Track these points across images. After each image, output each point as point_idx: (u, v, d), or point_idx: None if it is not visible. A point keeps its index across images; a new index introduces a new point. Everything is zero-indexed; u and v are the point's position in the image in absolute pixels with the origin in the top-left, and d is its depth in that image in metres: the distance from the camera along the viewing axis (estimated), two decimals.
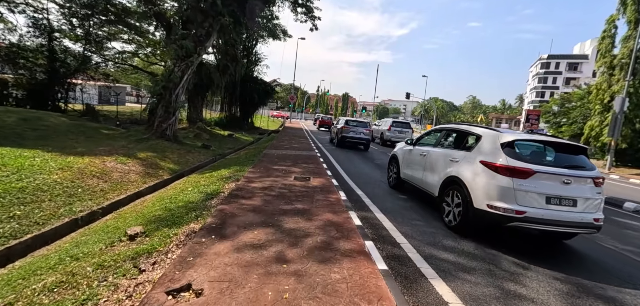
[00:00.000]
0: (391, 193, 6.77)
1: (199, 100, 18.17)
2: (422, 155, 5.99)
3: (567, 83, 68.15)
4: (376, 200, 5.93)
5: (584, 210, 4.11)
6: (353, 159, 11.96)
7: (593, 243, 4.92)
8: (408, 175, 6.52)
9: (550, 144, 4.59)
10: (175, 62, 11.80)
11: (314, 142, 16.90)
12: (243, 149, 15.11)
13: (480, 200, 4.21)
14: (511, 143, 4.35)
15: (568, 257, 4.27)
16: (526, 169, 4.03)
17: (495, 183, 4.12)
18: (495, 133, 4.62)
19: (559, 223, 3.98)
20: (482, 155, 4.48)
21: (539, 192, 4.00)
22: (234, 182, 6.39)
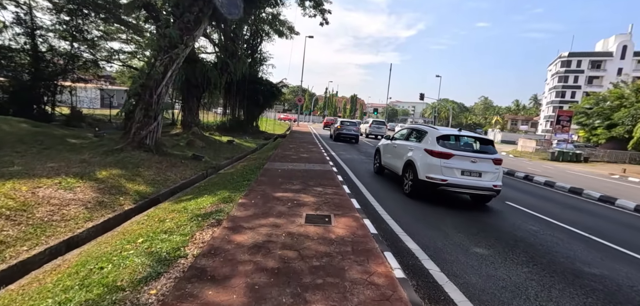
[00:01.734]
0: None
1: (195, 102, 16.01)
2: (394, 147, 8.47)
3: (590, 83, 64.42)
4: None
5: (486, 180, 6.50)
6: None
7: None
8: (385, 162, 9.04)
9: (468, 137, 7.08)
10: (156, 55, 9.59)
11: (325, 150, 14.54)
12: (242, 159, 12.83)
13: (422, 174, 6.61)
14: (442, 137, 6.82)
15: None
16: (448, 153, 6.43)
17: (431, 162, 6.51)
18: (434, 131, 7.11)
19: (469, 187, 6.48)
20: (426, 145, 6.84)
21: (456, 167, 6.38)
22: (211, 226, 4.07)
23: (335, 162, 10.98)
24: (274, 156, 11.01)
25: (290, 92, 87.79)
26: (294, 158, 10.81)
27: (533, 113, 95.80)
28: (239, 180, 7.20)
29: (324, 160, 10.85)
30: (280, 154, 11.58)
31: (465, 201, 7.28)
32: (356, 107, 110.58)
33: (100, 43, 18.80)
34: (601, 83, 63.19)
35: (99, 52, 19.02)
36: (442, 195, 6.75)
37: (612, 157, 27.74)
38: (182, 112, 16.23)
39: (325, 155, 12.53)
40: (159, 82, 9.49)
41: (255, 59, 28.87)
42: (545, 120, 71.68)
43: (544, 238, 5.22)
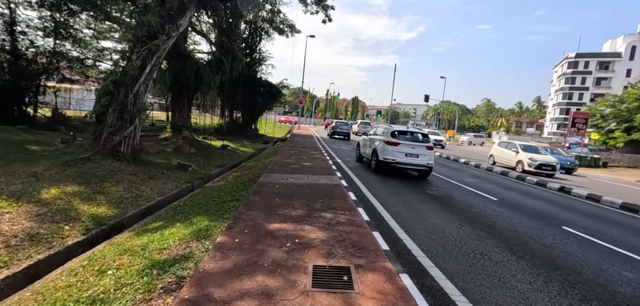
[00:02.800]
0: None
1: (186, 103, 14.54)
2: (367, 141, 11.57)
3: (598, 84, 62.88)
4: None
5: (422, 160, 9.46)
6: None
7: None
8: (363, 152, 11.98)
9: (410, 132, 10.38)
10: (133, 47, 8.13)
11: (330, 156, 13.04)
12: (236, 168, 11.33)
13: (381, 157, 9.56)
14: (394, 132, 9.85)
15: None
16: (397, 142, 9.44)
17: (386, 149, 9.45)
18: (389, 127, 10.57)
19: (411, 165, 9.56)
20: (384, 137, 9.88)
21: (402, 152, 9.33)
22: (166, 292, 2.59)
23: (343, 173, 9.48)
24: (272, 165, 9.51)
25: (291, 94, 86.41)
26: (295, 167, 9.30)
27: (537, 115, 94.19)
28: (225, 200, 5.70)
29: (329, 170, 9.33)
30: (279, 162, 10.08)
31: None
32: (357, 109, 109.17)
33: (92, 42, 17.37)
34: (610, 85, 61.64)
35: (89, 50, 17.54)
36: (396, 171, 9.99)
37: (631, 161, 26.18)
38: (172, 114, 14.75)
39: (330, 162, 11.03)
40: (136, 78, 8.02)
41: (254, 58, 27.44)
42: (552, 122, 70.12)
43: None
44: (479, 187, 9.69)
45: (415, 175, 10.18)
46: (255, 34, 27.23)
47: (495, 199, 8.07)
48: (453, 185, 9.61)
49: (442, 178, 10.68)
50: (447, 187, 9.14)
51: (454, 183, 9.81)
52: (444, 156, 19.17)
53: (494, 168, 14.66)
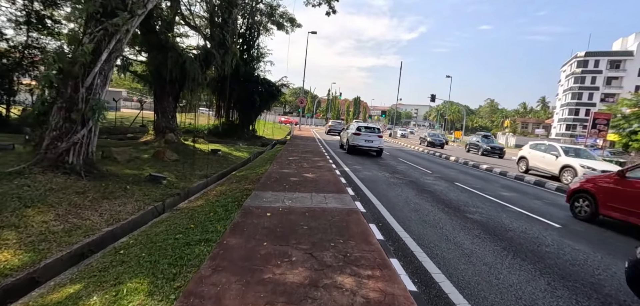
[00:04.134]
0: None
1: (170, 102, 12.68)
2: (345, 133, 17.70)
3: (609, 84, 60.85)
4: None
5: (376, 144, 15.33)
6: None
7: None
8: (343, 142, 17.37)
9: (368, 127, 16.55)
10: (85, 28, 6.29)
11: (335, 162, 11.16)
12: (224, 179, 9.47)
13: (351, 142, 15.38)
14: (358, 128, 16.02)
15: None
16: (359, 133, 15.43)
17: (353, 137, 15.40)
18: (356, 124, 18.33)
19: (369, 148, 15.43)
20: (352, 131, 16.04)
21: (362, 139, 15.24)
22: None
23: (355, 188, 7.61)
24: (266, 177, 7.64)
25: (292, 94, 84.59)
26: (295, 180, 7.42)
27: (542, 116, 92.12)
28: (191, 240, 3.84)
29: (338, 184, 7.43)
30: (275, 173, 8.21)
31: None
32: (359, 110, 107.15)
33: None
34: (621, 85, 59.63)
35: None
36: (360, 152, 15.52)
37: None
38: (155, 115, 12.91)
39: (337, 173, 9.15)
40: (89, 68, 6.17)
41: (252, 55, 25.59)
42: (560, 123, 68.08)
43: None
44: None
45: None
46: (253, 29, 25.38)
47: None
48: (495, 206, 7.75)
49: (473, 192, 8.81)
50: (489, 210, 7.28)
51: (495, 213, 7.96)
52: (461, 161, 17.25)
53: (526, 178, 12.60)
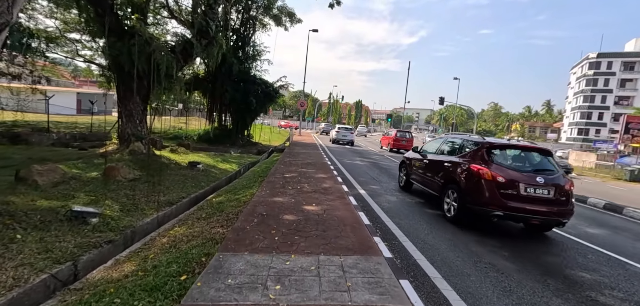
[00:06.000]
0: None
1: (138, 102, 10.13)
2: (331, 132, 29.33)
3: (623, 86, 58.34)
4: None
5: (348, 138, 24.92)
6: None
7: None
8: (331, 137, 27.29)
9: (345, 127, 27.17)
10: None
11: (347, 182, 8.57)
12: (191, 210, 6.87)
13: (334, 137, 25.49)
14: (338, 128, 26.42)
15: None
16: (339, 131, 25.74)
17: (335, 134, 25.66)
18: (338, 126, 30.44)
19: (345, 141, 24.77)
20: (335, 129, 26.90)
21: (341, 135, 25.05)
22: None
23: (392, 239, 5.01)
24: (247, 213, 5.05)
25: (292, 97, 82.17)
26: (289, 222, 4.82)
27: (548, 119, 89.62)
28: None
29: (358, 229, 4.77)
30: (263, 203, 5.63)
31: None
32: (361, 113, 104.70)
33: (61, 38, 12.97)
34: (636, 87, 57.17)
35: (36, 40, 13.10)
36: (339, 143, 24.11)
37: None
38: (120, 120, 10.35)
39: (351, 199, 6.55)
40: None
41: (247, 52, 23.08)
42: (570, 127, 65.47)
43: None
44: None
45: None
46: (248, 24, 22.95)
47: None
48: None
49: None
50: None
51: None
52: None
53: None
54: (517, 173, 5.28)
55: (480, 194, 5.21)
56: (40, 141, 14.88)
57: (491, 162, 5.41)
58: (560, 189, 5.23)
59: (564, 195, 5.25)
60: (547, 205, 5.12)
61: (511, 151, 5.90)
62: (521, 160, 5.76)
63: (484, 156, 5.53)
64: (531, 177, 5.17)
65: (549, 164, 5.63)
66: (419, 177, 7.61)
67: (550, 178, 5.25)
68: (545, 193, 5.11)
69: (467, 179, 5.54)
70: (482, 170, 5.28)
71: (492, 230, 5.51)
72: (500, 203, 5.02)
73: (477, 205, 5.27)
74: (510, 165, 5.50)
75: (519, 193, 5.03)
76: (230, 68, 20.07)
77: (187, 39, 11.03)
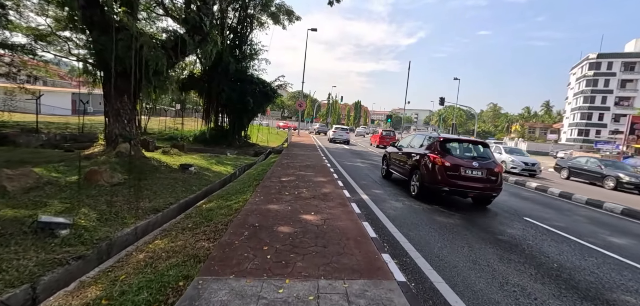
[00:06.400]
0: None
1: (126, 101, 9.53)
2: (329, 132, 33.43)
3: (623, 87, 58.01)
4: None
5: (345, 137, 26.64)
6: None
7: None
8: (329, 136, 29.18)
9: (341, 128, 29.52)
10: None
11: (348, 187, 7.99)
12: (177, 218, 6.27)
13: (331, 136, 27.54)
14: (335, 128, 29.11)
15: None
16: (335, 131, 28.09)
17: (333, 133, 27.72)
18: (335, 126, 34.54)
19: (341, 140, 26.21)
20: (332, 129, 30.55)
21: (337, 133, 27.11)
22: None
23: (403, 255, 4.45)
24: (238, 225, 4.47)
25: (291, 97, 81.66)
26: (285, 235, 4.25)
27: (547, 120, 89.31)
28: None
29: (363, 244, 4.22)
30: (256, 213, 5.05)
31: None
32: (360, 114, 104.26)
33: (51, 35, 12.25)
34: (636, 87, 56.88)
35: None
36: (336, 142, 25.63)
37: None
38: (107, 120, 9.74)
39: (354, 207, 5.99)
40: None
41: (244, 51, 22.53)
42: (570, 127, 65.13)
43: None
44: None
45: None
46: (245, 22, 22.39)
47: None
48: None
49: None
50: None
51: None
52: None
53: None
54: (460, 159, 7.01)
55: (433, 176, 6.87)
56: (28, 142, 14.27)
57: (443, 152, 7.06)
58: (491, 171, 6.93)
59: (494, 175, 6.96)
60: (481, 182, 6.86)
61: (458, 144, 7.78)
62: (465, 150, 7.64)
63: (438, 148, 7.19)
64: (470, 162, 6.90)
65: (485, 153, 7.44)
66: (395, 167, 9.29)
67: (484, 163, 6.98)
68: (479, 174, 6.84)
69: (425, 165, 7.20)
70: (436, 158, 6.92)
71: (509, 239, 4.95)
72: (447, 182, 6.70)
73: (431, 184, 6.95)
74: (456, 154, 7.25)
75: (460, 174, 6.73)
76: (226, 67, 19.50)
77: (179, 35, 10.44)
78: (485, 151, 7.52)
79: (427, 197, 7.22)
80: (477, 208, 7.20)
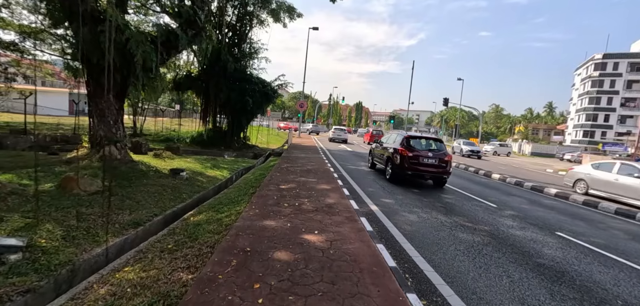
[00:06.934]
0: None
1: (111, 101, 8.73)
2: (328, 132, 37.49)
3: (629, 87, 56.99)
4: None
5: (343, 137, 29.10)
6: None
7: None
8: (330, 136, 30.45)
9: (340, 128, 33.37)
10: None
11: (354, 196, 7.18)
12: (160, 235, 5.43)
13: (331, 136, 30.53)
14: (334, 129, 32.12)
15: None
16: (335, 131, 30.86)
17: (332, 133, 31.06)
18: (334, 127, 38.81)
19: (339, 139, 28.65)
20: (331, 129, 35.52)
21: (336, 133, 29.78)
22: None
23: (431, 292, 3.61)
24: (224, 250, 3.66)
25: (291, 98, 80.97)
26: (282, 265, 3.44)
27: (550, 121, 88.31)
28: None
29: (380, 276, 3.45)
30: (247, 232, 4.24)
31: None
32: (361, 115, 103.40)
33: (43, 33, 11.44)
34: None
35: None
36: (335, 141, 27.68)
37: None
38: (92, 120, 8.96)
39: (364, 223, 5.17)
40: None
41: (243, 50, 21.72)
42: (575, 129, 64.14)
43: None
44: None
45: None
46: (244, 20, 21.61)
47: None
48: None
49: None
50: None
51: None
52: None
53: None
54: (420, 150, 9.29)
55: (401, 163, 9.10)
56: (15, 144, 13.51)
57: (408, 146, 9.27)
58: (442, 160, 9.22)
59: (444, 163, 9.24)
60: (434, 167, 9.17)
61: (419, 140, 10.01)
62: (424, 144, 9.81)
63: (404, 143, 9.39)
64: (426, 153, 9.24)
65: (438, 146, 9.81)
66: (377, 158, 11.62)
67: (437, 154, 9.32)
68: (433, 161, 9.15)
69: (396, 156, 9.39)
70: (402, 151, 9.16)
71: None
72: (410, 168, 8.95)
73: (399, 170, 9.20)
74: (417, 147, 9.44)
75: (419, 162, 9.03)
76: (225, 66, 18.70)
77: (171, 29, 9.66)
78: (439, 145, 9.95)
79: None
80: (499, 219, 6.38)
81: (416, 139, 9.81)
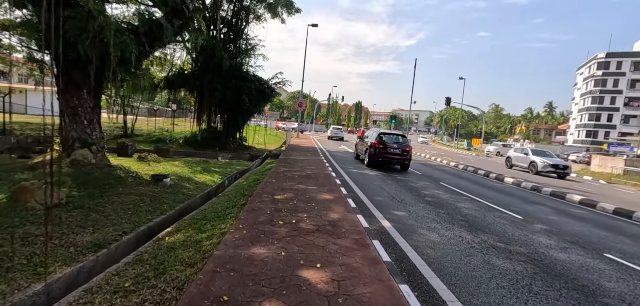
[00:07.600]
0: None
1: (85, 98, 7.73)
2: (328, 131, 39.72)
3: (633, 87, 56.16)
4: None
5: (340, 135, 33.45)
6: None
7: None
8: (328, 135, 34.69)
9: (338, 127, 39.75)
10: None
11: (362, 208, 6.19)
12: (123, 262, 4.39)
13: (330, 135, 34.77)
14: (332, 128, 36.43)
15: None
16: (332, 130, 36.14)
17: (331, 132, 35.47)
18: (332, 126, 41.60)
19: (336, 137, 32.76)
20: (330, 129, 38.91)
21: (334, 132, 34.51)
22: None
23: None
24: (196, 296, 2.66)
25: (290, 98, 79.95)
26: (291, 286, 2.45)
27: (550, 121, 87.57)
28: None
29: None
30: (231, 262, 3.25)
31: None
32: (360, 115, 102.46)
33: None
34: None
35: None
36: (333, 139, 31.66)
37: None
38: (63, 119, 7.94)
39: (378, 247, 4.21)
40: None
41: (239, 46, 20.68)
42: (578, 129, 63.29)
43: None
44: None
45: None
46: (240, 15, 20.56)
47: None
48: None
49: None
50: None
51: None
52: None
53: None
54: (388, 143, 12.40)
55: (375, 152, 12.28)
56: None
57: (380, 140, 12.41)
58: (404, 150, 12.42)
59: (405, 152, 12.45)
60: (398, 155, 12.37)
61: (388, 135, 12.99)
62: (392, 138, 12.87)
63: (378, 138, 12.55)
64: (392, 145, 12.40)
65: (402, 140, 12.96)
66: (359, 151, 14.76)
67: (401, 145, 12.54)
68: (398, 152, 12.35)
69: (371, 147, 12.56)
70: (376, 144, 12.35)
71: None
72: (381, 156, 12.20)
73: (373, 158, 12.38)
74: (387, 141, 12.52)
75: (387, 151, 12.21)
76: (220, 63, 17.65)
77: (154, 19, 8.64)
78: (403, 139, 13.16)
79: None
80: (532, 236, 5.39)
81: (387, 135, 12.90)
